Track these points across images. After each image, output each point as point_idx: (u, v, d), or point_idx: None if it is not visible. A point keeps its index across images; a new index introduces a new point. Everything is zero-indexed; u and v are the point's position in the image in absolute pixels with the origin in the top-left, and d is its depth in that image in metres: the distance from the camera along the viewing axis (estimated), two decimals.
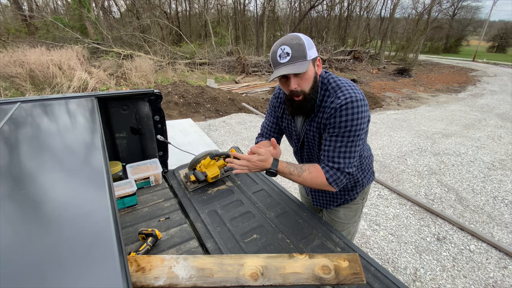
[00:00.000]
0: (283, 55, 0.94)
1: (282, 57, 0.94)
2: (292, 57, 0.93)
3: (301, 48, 0.93)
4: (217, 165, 1.52)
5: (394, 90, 9.02)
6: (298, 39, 0.95)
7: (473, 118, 6.22)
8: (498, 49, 32.64)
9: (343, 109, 0.97)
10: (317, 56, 1.01)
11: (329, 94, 1.02)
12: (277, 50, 0.95)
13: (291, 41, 0.94)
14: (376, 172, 3.57)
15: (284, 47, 0.94)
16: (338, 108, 0.97)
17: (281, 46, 0.94)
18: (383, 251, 2.27)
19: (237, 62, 10.69)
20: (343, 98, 0.97)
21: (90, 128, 0.97)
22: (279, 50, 0.95)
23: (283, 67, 0.94)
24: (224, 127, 5.09)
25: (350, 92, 0.98)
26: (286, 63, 0.94)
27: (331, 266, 0.84)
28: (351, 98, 0.97)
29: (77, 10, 12.17)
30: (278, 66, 0.96)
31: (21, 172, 0.66)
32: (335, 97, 1.00)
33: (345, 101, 0.96)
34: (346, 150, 1.01)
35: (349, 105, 0.96)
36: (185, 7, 20.02)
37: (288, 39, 0.95)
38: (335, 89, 1.02)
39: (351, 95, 0.97)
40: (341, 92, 1.00)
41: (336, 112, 0.98)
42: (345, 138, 0.99)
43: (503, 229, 2.58)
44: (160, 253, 1.06)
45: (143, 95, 1.58)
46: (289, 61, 0.94)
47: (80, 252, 0.43)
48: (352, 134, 0.99)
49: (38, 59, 6.79)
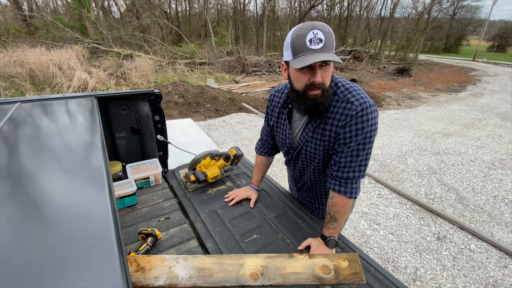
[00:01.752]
0: (315, 40, 0.81)
1: (314, 42, 0.81)
2: (325, 45, 0.81)
3: (331, 38, 0.83)
4: (217, 165, 1.52)
5: (394, 90, 9.02)
6: (329, 28, 0.83)
7: (473, 117, 6.22)
8: (498, 49, 32.63)
9: (359, 116, 0.90)
10: None
11: (338, 98, 0.95)
12: (306, 33, 0.81)
13: (323, 28, 0.81)
14: (376, 172, 3.57)
15: (317, 31, 0.81)
16: (354, 115, 0.91)
17: (314, 30, 0.81)
18: (383, 250, 2.27)
19: (237, 62, 10.69)
20: (358, 104, 0.91)
21: (90, 128, 0.97)
22: (310, 33, 0.80)
23: (319, 54, 0.81)
24: (224, 126, 5.09)
25: (363, 97, 0.92)
26: (319, 50, 0.81)
27: (331, 266, 0.84)
28: (365, 103, 0.91)
29: (77, 10, 12.17)
30: (307, 52, 0.81)
31: (21, 172, 0.66)
32: (347, 101, 0.93)
33: (361, 107, 0.90)
34: (362, 159, 0.96)
35: (364, 111, 0.90)
36: (185, 7, 20.02)
37: (319, 24, 0.82)
38: (344, 93, 0.94)
39: (365, 100, 0.91)
40: (353, 97, 0.92)
41: (352, 120, 0.91)
42: (361, 145, 0.94)
43: (503, 228, 2.58)
44: (160, 253, 1.05)
45: (143, 95, 1.57)
46: (321, 48, 0.81)
47: (80, 252, 0.43)
48: (367, 141, 0.94)
49: (38, 59, 6.78)
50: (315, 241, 1.07)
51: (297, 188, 1.34)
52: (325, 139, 1.00)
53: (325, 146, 1.02)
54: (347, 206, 1.01)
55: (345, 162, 0.97)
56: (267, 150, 1.34)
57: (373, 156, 4.03)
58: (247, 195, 1.37)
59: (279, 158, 3.65)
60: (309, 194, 1.29)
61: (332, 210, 1.03)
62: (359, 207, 2.82)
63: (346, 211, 1.02)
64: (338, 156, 0.99)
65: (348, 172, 0.98)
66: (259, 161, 1.37)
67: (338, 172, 1.00)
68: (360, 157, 0.96)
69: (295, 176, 1.28)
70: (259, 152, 1.36)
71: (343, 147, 0.96)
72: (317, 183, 1.19)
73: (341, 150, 0.97)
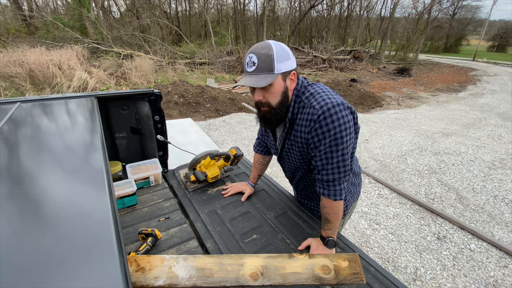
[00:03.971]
0: (250, 64, 0.90)
1: (249, 65, 0.90)
2: (258, 68, 0.88)
3: (268, 60, 0.87)
4: (217, 165, 1.52)
5: (394, 90, 9.02)
6: (268, 49, 0.88)
7: (473, 117, 6.22)
8: (498, 49, 32.64)
9: (321, 119, 0.90)
10: (292, 70, 0.94)
11: (304, 105, 0.96)
12: (246, 57, 0.91)
13: (259, 51, 0.88)
14: (376, 172, 3.57)
15: (252, 55, 0.89)
16: (316, 119, 0.91)
17: (250, 53, 0.89)
18: (383, 250, 2.27)
19: (237, 62, 10.68)
20: (318, 107, 0.90)
21: (90, 128, 0.97)
22: (247, 57, 0.90)
23: (246, 77, 0.90)
24: (224, 126, 5.09)
25: (325, 99, 0.91)
26: (251, 73, 0.90)
27: (331, 266, 0.84)
28: (326, 105, 0.90)
29: (77, 10, 12.17)
30: (245, 74, 0.92)
31: (21, 172, 0.66)
32: (310, 106, 0.93)
33: (321, 110, 0.90)
34: (338, 160, 0.95)
35: (326, 113, 0.89)
36: (185, 6, 20.03)
37: (258, 47, 0.89)
38: (309, 98, 0.95)
39: (326, 101, 0.90)
40: (315, 101, 0.93)
41: (316, 124, 0.91)
42: (333, 147, 0.93)
43: (503, 228, 2.58)
44: (160, 253, 1.05)
45: (143, 95, 1.58)
46: (253, 71, 0.89)
47: (80, 252, 0.43)
48: (339, 142, 0.92)
49: (38, 59, 6.79)
50: (315, 241, 1.08)
51: (294, 187, 1.35)
52: (299, 145, 1.03)
53: (300, 152, 1.05)
54: (336, 208, 1.01)
55: (321, 165, 0.98)
56: (263, 149, 1.37)
57: (373, 156, 4.04)
58: (242, 189, 1.42)
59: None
60: (306, 194, 1.30)
61: (323, 212, 1.04)
62: (359, 207, 2.82)
63: (337, 213, 1.02)
64: (314, 161, 1.00)
65: (328, 174, 0.98)
66: (256, 159, 1.41)
67: (319, 175, 1.01)
68: (335, 158, 0.95)
69: (288, 175, 1.31)
70: (256, 150, 1.40)
71: (315, 151, 0.97)
72: (309, 183, 1.20)
73: (314, 155, 0.98)
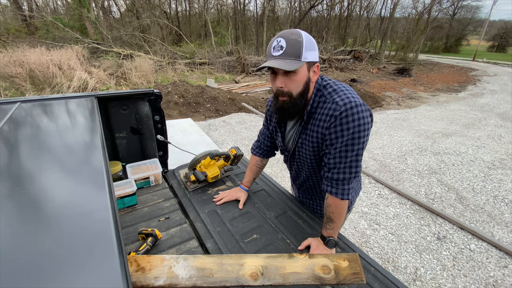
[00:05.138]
0: (277, 47, 0.87)
1: (276, 49, 0.88)
2: (285, 52, 0.86)
3: (297, 46, 0.86)
4: (217, 165, 1.52)
5: (394, 90, 9.02)
6: (298, 35, 0.87)
7: (473, 117, 6.22)
8: (498, 49, 32.62)
9: (343, 117, 0.89)
10: (316, 62, 0.93)
11: (325, 99, 0.95)
12: (273, 41, 0.89)
13: (289, 36, 0.87)
14: (376, 172, 3.57)
15: (280, 39, 0.87)
16: (338, 115, 0.90)
17: (278, 37, 0.88)
18: (383, 250, 2.27)
19: (237, 62, 10.68)
20: (342, 104, 0.90)
21: (90, 128, 0.97)
22: (275, 41, 0.88)
23: (272, 60, 0.88)
24: (224, 126, 5.09)
25: (349, 97, 0.91)
26: (277, 56, 0.87)
27: (331, 266, 0.84)
28: (350, 103, 0.89)
29: (77, 10, 12.18)
30: (269, 58, 0.90)
31: (21, 172, 0.66)
32: (332, 102, 0.92)
33: (345, 107, 0.89)
34: (351, 160, 0.94)
35: (349, 111, 0.88)
36: (185, 7, 20.02)
37: (288, 33, 0.88)
38: (331, 94, 0.95)
39: (350, 100, 0.90)
40: (338, 97, 0.92)
41: (336, 120, 0.90)
42: (349, 146, 0.92)
43: (503, 228, 2.58)
44: (160, 253, 1.05)
45: (143, 95, 1.57)
46: (280, 55, 0.87)
47: (80, 252, 0.43)
48: (356, 142, 0.91)
49: (38, 59, 6.78)
50: (315, 241, 1.08)
51: (297, 187, 1.34)
52: (313, 140, 1.01)
53: (314, 147, 1.02)
54: (341, 207, 1.00)
55: (334, 164, 0.97)
56: (262, 152, 1.35)
57: (373, 156, 4.04)
58: (237, 196, 1.36)
59: (279, 158, 3.64)
60: (309, 193, 1.30)
61: (327, 211, 1.03)
62: (359, 207, 2.82)
63: (341, 212, 1.01)
64: (326, 158, 0.98)
65: (338, 173, 0.97)
66: (253, 162, 1.38)
67: (329, 173, 0.99)
68: (348, 158, 0.94)
69: (292, 175, 1.30)
70: (254, 153, 1.37)
71: (330, 148, 0.96)
72: (314, 182, 1.20)
73: (329, 152, 0.96)
